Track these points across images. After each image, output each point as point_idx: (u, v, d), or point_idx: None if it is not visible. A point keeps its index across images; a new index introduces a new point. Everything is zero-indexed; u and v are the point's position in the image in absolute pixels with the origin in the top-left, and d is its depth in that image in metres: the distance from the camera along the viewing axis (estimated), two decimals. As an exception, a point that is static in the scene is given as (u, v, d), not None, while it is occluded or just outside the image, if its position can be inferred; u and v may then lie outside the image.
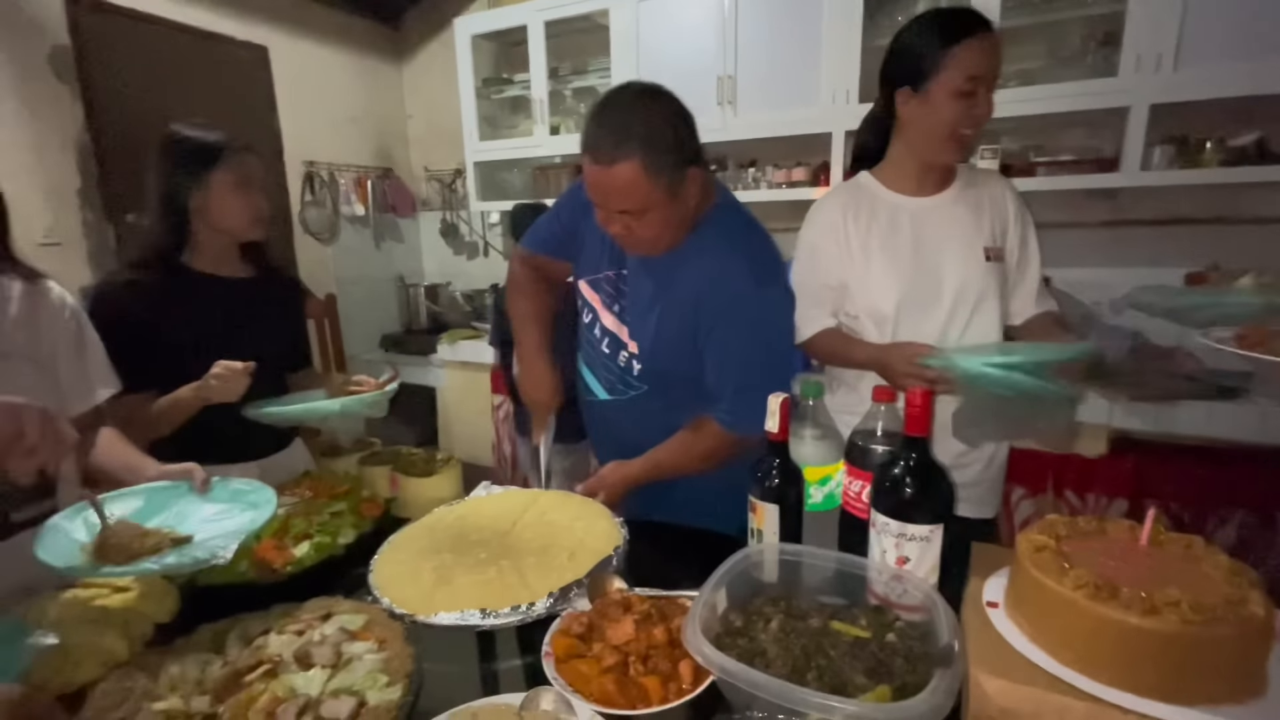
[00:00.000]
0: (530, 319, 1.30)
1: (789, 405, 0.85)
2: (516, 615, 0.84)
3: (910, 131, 1.19)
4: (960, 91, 1.10)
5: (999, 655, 0.63)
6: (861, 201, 1.25)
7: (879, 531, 0.80)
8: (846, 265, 1.24)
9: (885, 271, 1.22)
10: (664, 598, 0.88)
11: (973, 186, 1.27)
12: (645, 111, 1.01)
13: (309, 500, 1.14)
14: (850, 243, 1.23)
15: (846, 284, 1.25)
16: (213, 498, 1.01)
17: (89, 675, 0.76)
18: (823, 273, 1.26)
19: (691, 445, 1.19)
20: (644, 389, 1.24)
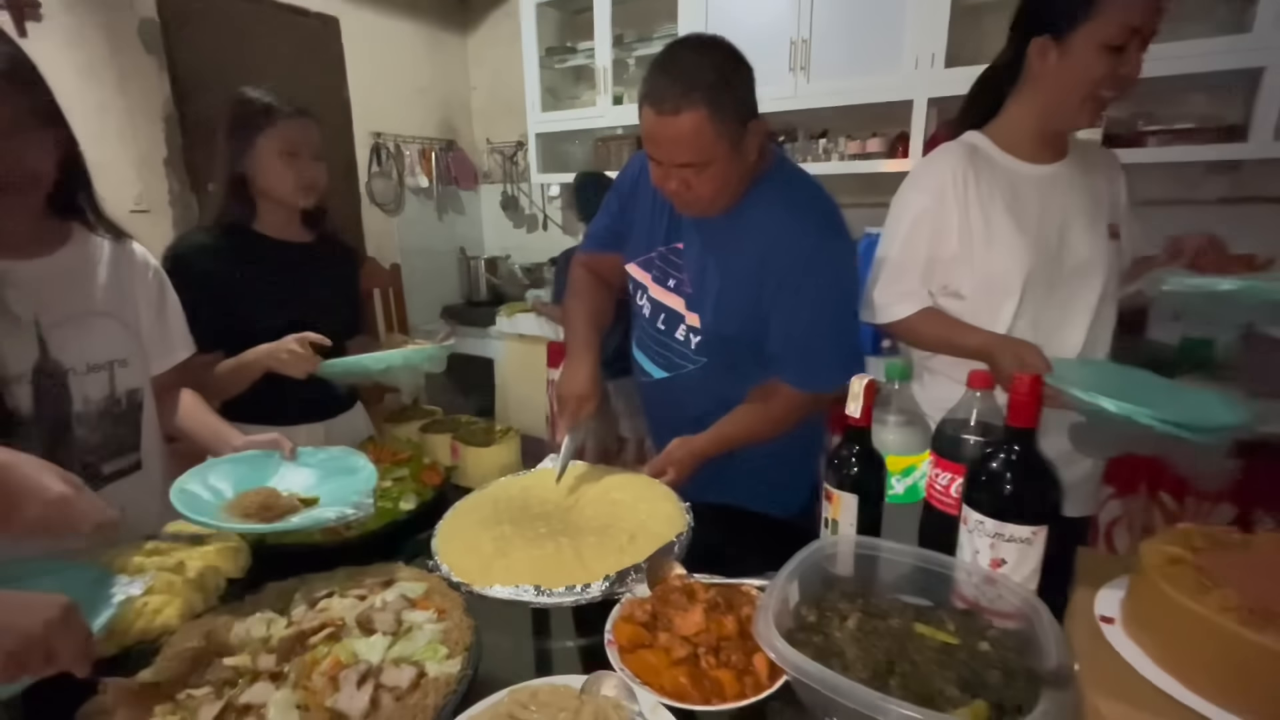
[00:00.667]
0: (581, 318, 1.27)
1: (873, 389, 0.78)
2: (570, 595, 0.82)
3: (1041, 88, 1.06)
4: (1110, 45, 0.97)
5: (1119, 678, 0.56)
6: (979, 164, 1.12)
7: (972, 530, 0.73)
8: (963, 235, 1.11)
9: (1011, 243, 1.09)
10: (728, 585, 0.84)
11: (1084, 158, 1.14)
12: (711, 60, 0.97)
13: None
14: (969, 210, 1.11)
15: (958, 257, 1.12)
16: (305, 464, 1.05)
17: (166, 625, 0.78)
18: (929, 243, 1.14)
19: (762, 412, 1.14)
20: (703, 361, 1.19)
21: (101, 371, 0.98)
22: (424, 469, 1.16)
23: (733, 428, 1.14)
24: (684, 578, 0.85)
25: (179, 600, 0.79)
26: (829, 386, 1.12)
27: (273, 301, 1.26)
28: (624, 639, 0.74)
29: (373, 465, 1.01)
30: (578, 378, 1.16)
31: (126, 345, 1.01)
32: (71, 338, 0.94)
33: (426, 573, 0.87)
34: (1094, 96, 1.02)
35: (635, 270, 1.24)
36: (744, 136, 1.01)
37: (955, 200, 1.11)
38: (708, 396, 1.18)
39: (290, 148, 1.22)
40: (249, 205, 1.25)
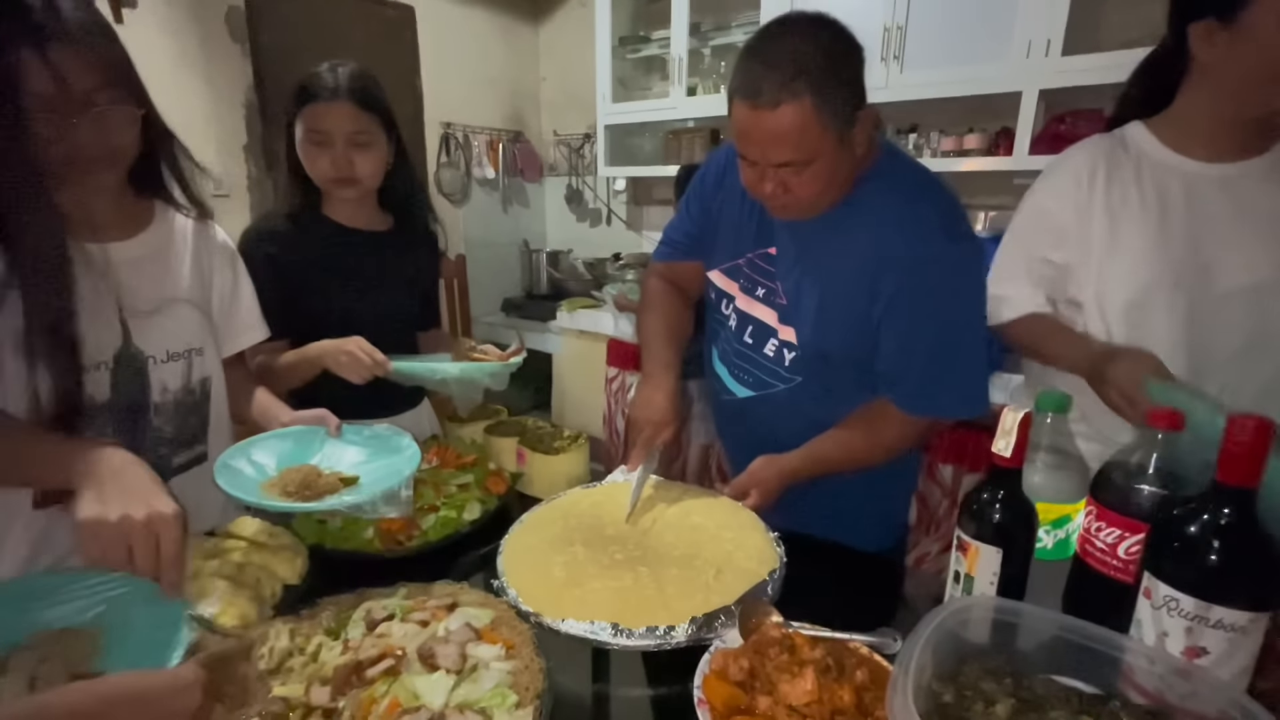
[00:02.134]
0: (659, 335, 1.14)
1: (1028, 424, 0.65)
2: (652, 639, 0.72)
3: (1214, 78, 0.90)
4: None
5: None
6: (1123, 161, 0.97)
7: (1160, 607, 0.59)
8: (1081, 240, 0.99)
9: (1132, 251, 0.95)
10: (835, 641, 0.72)
11: None
12: (816, 43, 0.85)
13: (435, 469, 1.08)
14: (1093, 208, 0.97)
15: (1077, 263, 1.00)
16: (350, 442, 1.02)
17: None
18: (1047, 242, 1.02)
19: (867, 435, 1.01)
20: (796, 381, 1.06)
21: (180, 360, 0.94)
22: (489, 475, 1.09)
23: (830, 449, 1.02)
24: (782, 627, 0.74)
25: (234, 610, 0.73)
26: (947, 412, 0.99)
27: (340, 290, 1.20)
28: (718, 700, 0.63)
29: (417, 446, 0.98)
30: (654, 401, 1.04)
31: (203, 333, 0.98)
32: (153, 325, 0.90)
33: (493, 597, 0.79)
34: (1277, 80, 0.85)
35: (720, 279, 1.13)
36: (852, 128, 0.88)
37: (1076, 202, 0.99)
38: (798, 419, 1.06)
39: (319, 134, 1.13)
40: (312, 191, 1.20)
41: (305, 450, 0.98)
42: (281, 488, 0.88)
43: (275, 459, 0.95)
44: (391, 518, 0.90)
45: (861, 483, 1.07)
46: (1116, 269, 0.96)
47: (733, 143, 0.94)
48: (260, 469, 0.93)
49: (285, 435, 0.99)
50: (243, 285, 1.07)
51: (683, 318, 1.20)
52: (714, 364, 1.18)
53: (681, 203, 1.17)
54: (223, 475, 0.87)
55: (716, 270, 1.12)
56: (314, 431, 1.01)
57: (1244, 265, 0.92)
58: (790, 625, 0.74)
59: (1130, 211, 0.95)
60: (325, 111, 1.12)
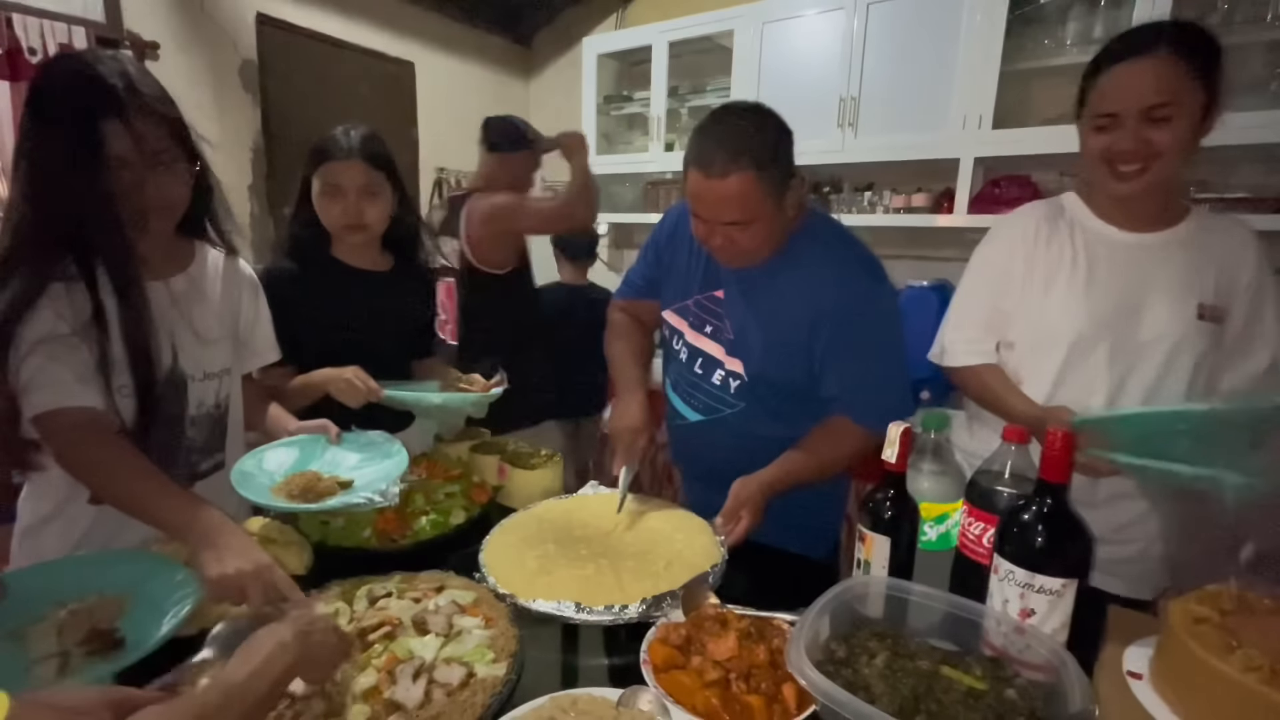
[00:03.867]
0: (627, 358, 1.35)
1: (910, 436, 0.82)
2: (609, 615, 0.86)
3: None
4: (1096, 126, 1.05)
5: (1143, 731, 0.58)
6: (1058, 224, 1.16)
7: (1002, 579, 0.75)
8: (1025, 287, 1.16)
9: (1068, 301, 1.12)
10: (760, 617, 0.87)
11: (1207, 232, 1.10)
12: (756, 126, 1.05)
13: (426, 480, 1.22)
14: (1034, 265, 1.15)
15: (1016, 308, 1.17)
16: (350, 447, 1.16)
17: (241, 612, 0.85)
18: (997, 293, 1.20)
19: (832, 446, 1.17)
20: (740, 406, 1.23)
21: (214, 380, 1.09)
22: (473, 487, 1.23)
23: (802, 461, 1.16)
24: (718, 607, 0.89)
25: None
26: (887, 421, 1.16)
27: (345, 323, 1.36)
28: (659, 659, 0.78)
29: (405, 451, 1.12)
30: (630, 412, 1.22)
31: (229, 354, 1.12)
32: (195, 348, 1.05)
33: (473, 582, 0.93)
34: (1105, 167, 1.06)
35: (671, 317, 1.31)
36: (786, 193, 1.08)
37: (1023, 255, 1.16)
38: (745, 439, 1.22)
39: (333, 187, 1.30)
40: (322, 235, 1.37)
41: (309, 456, 1.12)
42: (287, 491, 1.01)
43: (282, 465, 1.09)
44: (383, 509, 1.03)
45: (801, 496, 1.23)
46: (1047, 312, 1.13)
47: (686, 202, 1.14)
48: (270, 474, 1.06)
49: (292, 443, 1.13)
50: (262, 312, 1.22)
51: (645, 344, 1.40)
52: (668, 391, 1.36)
53: (641, 250, 1.37)
54: (239, 480, 1.00)
55: (669, 310, 1.31)
56: (317, 439, 1.15)
57: (1155, 320, 1.08)
58: (724, 606, 0.89)
59: (1064, 267, 1.13)
60: (340, 169, 1.30)
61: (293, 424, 1.17)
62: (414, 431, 1.49)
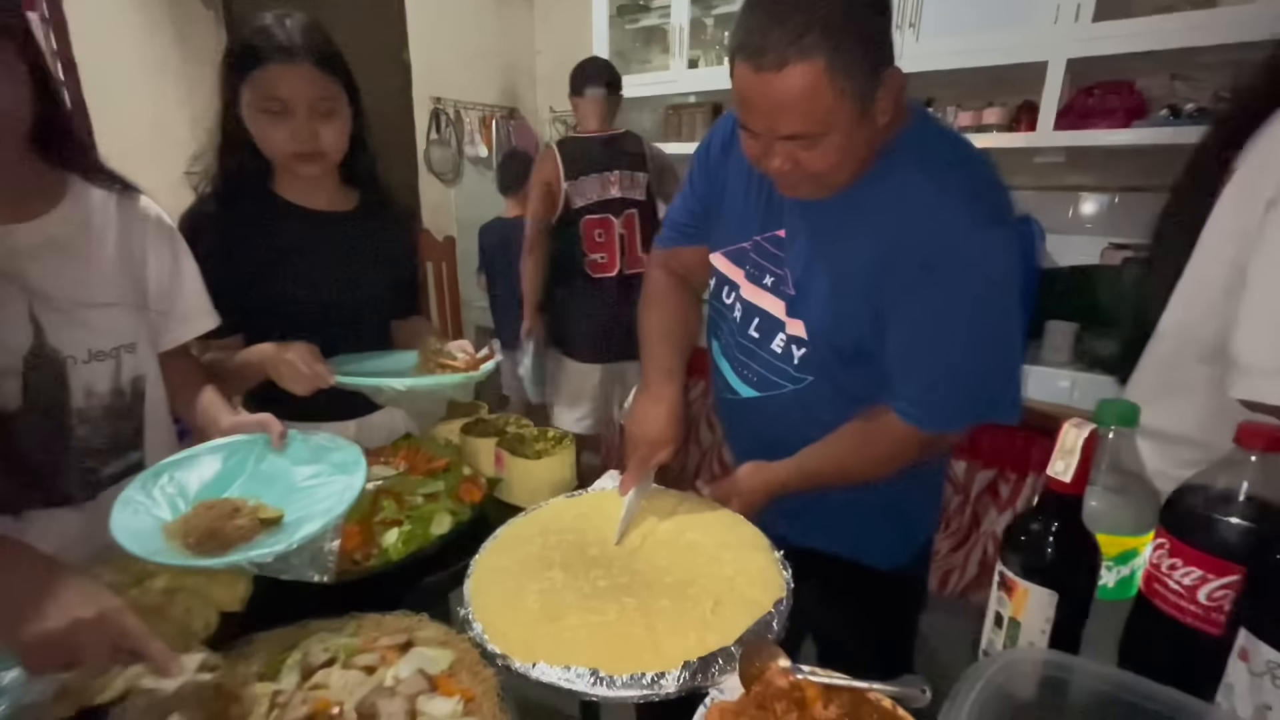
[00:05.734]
0: (660, 336, 1.01)
1: (1095, 443, 0.53)
2: (637, 689, 0.61)
3: None
4: None
5: None
6: None
7: (1261, 674, 0.48)
8: None
9: None
10: (849, 690, 0.61)
11: None
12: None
13: (401, 476, 0.97)
14: None
15: None
16: (294, 456, 0.86)
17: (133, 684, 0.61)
18: None
19: (860, 446, 0.90)
20: (807, 380, 0.94)
21: (107, 360, 0.83)
22: (463, 482, 0.98)
23: (818, 461, 0.91)
24: (790, 674, 0.63)
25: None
26: (951, 425, 0.87)
27: (298, 279, 1.08)
28: (714, 773, 0.53)
29: (364, 469, 0.81)
30: (652, 417, 0.92)
31: (135, 326, 0.86)
32: (72, 320, 0.79)
33: (454, 633, 0.69)
34: None
35: (723, 263, 1.00)
36: (874, 92, 0.74)
37: None
38: (810, 424, 0.94)
39: (274, 102, 0.96)
40: (259, 166, 1.06)
41: (237, 469, 0.84)
42: (184, 533, 0.71)
43: (197, 484, 0.81)
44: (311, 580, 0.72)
45: (876, 492, 0.95)
46: None
47: None
48: (172, 502, 0.77)
49: (219, 449, 0.86)
50: (185, 268, 0.95)
51: (688, 316, 1.06)
52: (716, 359, 1.06)
53: (685, 180, 1.04)
54: (117, 513, 0.71)
55: (719, 253, 1.00)
56: (254, 442, 0.87)
57: None
58: (799, 671, 0.63)
59: None
60: (282, 76, 0.97)
61: (226, 419, 0.90)
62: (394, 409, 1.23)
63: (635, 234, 2.22)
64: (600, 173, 2.17)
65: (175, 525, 0.72)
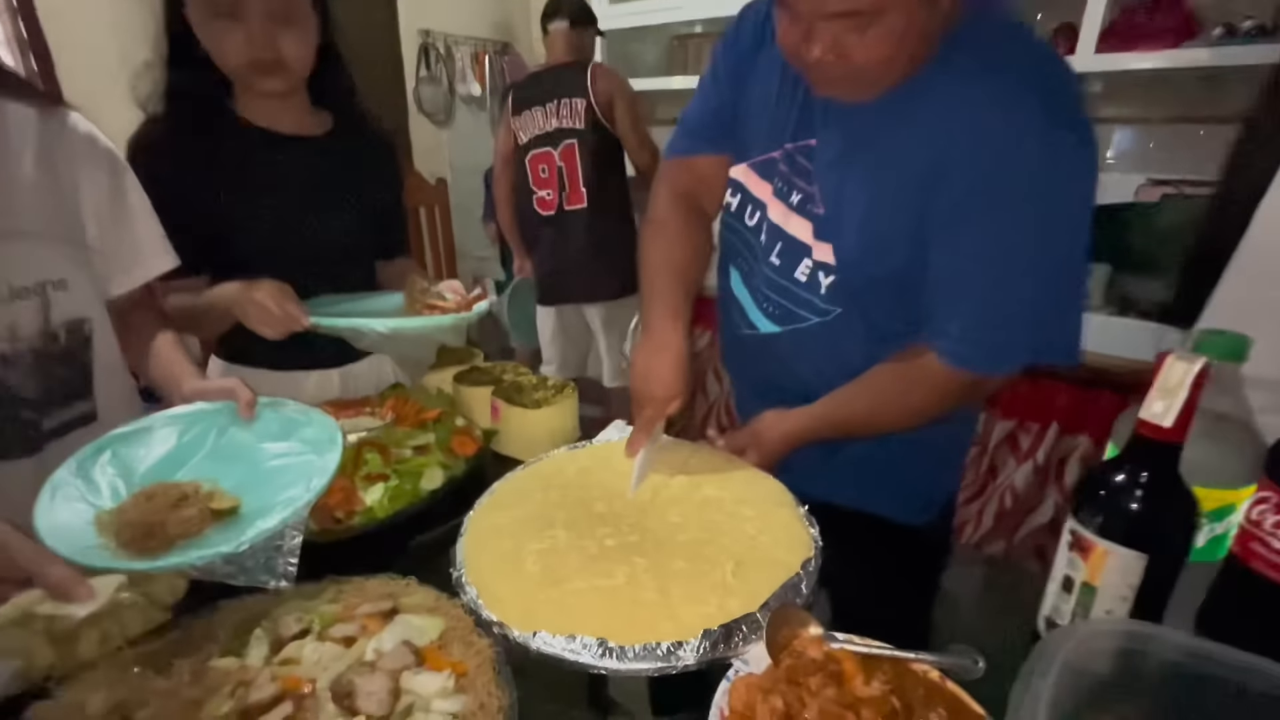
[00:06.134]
0: (664, 271, 0.88)
1: (1204, 381, 0.44)
2: (651, 660, 0.54)
3: None
4: None
5: None
6: None
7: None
8: None
9: None
10: (891, 659, 0.54)
11: None
12: None
13: (388, 428, 0.88)
14: None
15: None
16: (262, 429, 0.75)
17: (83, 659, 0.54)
18: None
19: (895, 392, 0.80)
20: (834, 313, 0.84)
21: (31, 298, 0.73)
22: (455, 434, 0.89)
23: (846, 409, 0.82)
24: (823, 643, 0.56)
25: (95, 632, 0.55)
26: (1001, 367, 0.76)
27: (264, 213, 0.97)
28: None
29: (339, 448, 0.68)
30: (657, 371, 0.81)
31: (65, 261, 0.76)
32: None
33: (445, 599, 0.61)
34: None
35: (748, 177, 0.88)
36: None
37: None
38: (834, 364, 0.84)
39: (223, 5, 0.84)
40: (214, 83, 0.93)
41: (196, 443, 0.72)
42: (117, 528, 0.58)
43: (150, 459, 0.69)
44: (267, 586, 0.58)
45: (903, 441, 0.87)
46: None
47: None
48: (113, 486, 0.65)
49: (175, 420, 0.74)
50: (131, 199, 0.84)
51: (699, 245, 0.93)
52: (734, 289, 0.96)
53: (704, 79, 0.90)
54: (51, 501, 0.60)
55: (745, 165, 0.88)
56: (217, 413, 0.75)
57: None
58: (834, 640, 0.56)
59: None
60: None
61: (189, 382, 0.79)
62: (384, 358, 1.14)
63: (575, 166, 2.07)
64: (542, 104, 2.06)
65: (109, 516, 0.60)
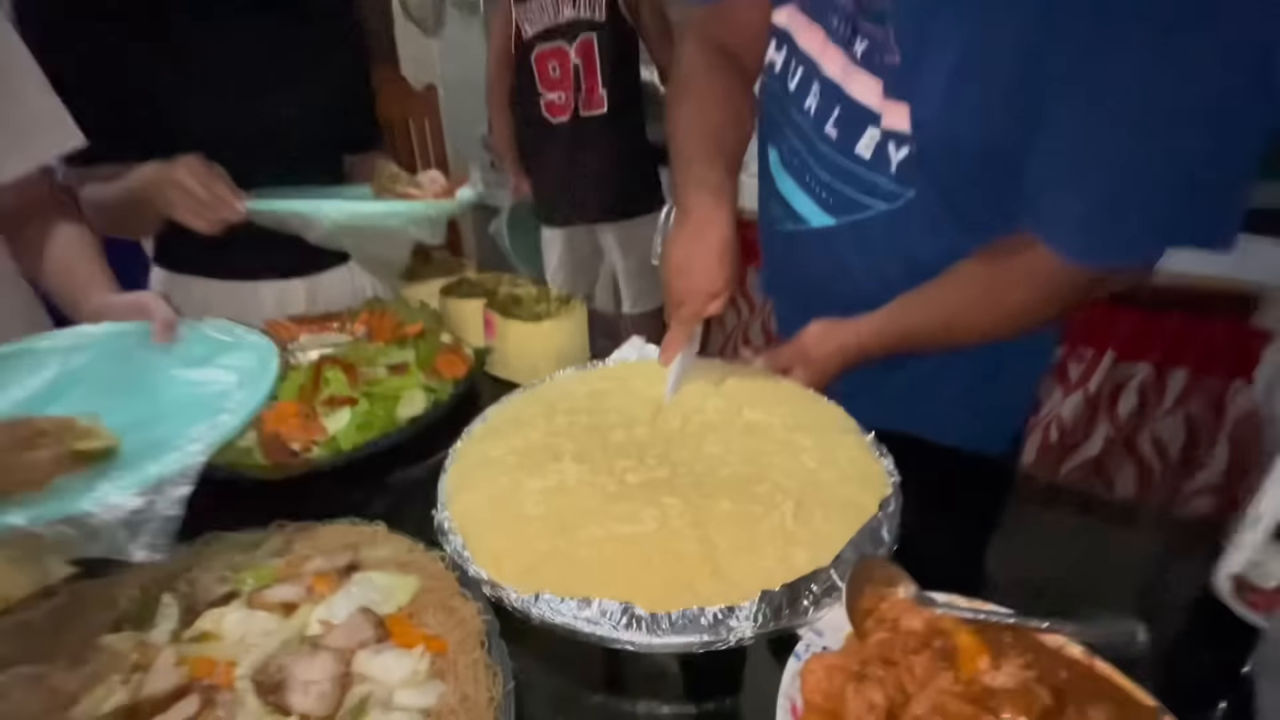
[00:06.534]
0: (700, 138, 0.70)
1: None
2: (692, 633, 0.41)
3: None
4: None
5: None
6: None
7: None
8: None
9: None
10: (1015, 629, 0.40)
11: None
12: None
13: (357, 344, 0.73)
14: None
15: None
16: (180, 353, 0.59)
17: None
18: None
19: (986, 293, 0.63)
20: (907, 196, 0.66)
21: None
22: (440, 353, 0.74)
23: (920, 315, 0.66)
24: (923, 608, 0.42)
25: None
26: (1133, 255, 0.58)
27: (199, 91, 0.78)
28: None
29: (273, 378, 0.53)
30: (699, 257, 0.64)
31: None
32: None
33: (420, 550, 0.47)
34: None
35: (794, 20, 0.69)
36: None
37: None
38: (900, 266, 0.67)
39: None
40: None
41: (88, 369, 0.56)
42: None
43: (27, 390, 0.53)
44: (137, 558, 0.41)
45: (979, 356, 0.71)
46: None
47: None
48: None
49: (67, 342, 0.58)
50: (15, 60, 0.65)
51: (737, 109, 0.74)
52: (773, 173, 0.78)
53: None
54: None
55: (790, 6, 0.69)
56: (124, 335, 0.60)
57: None
58: (933, 603, 0.42)
59: None
60: None
61: (97, 294, 0.64)
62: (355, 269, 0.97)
63: (595, 63, 1.76)
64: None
65: None
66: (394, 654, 0.38)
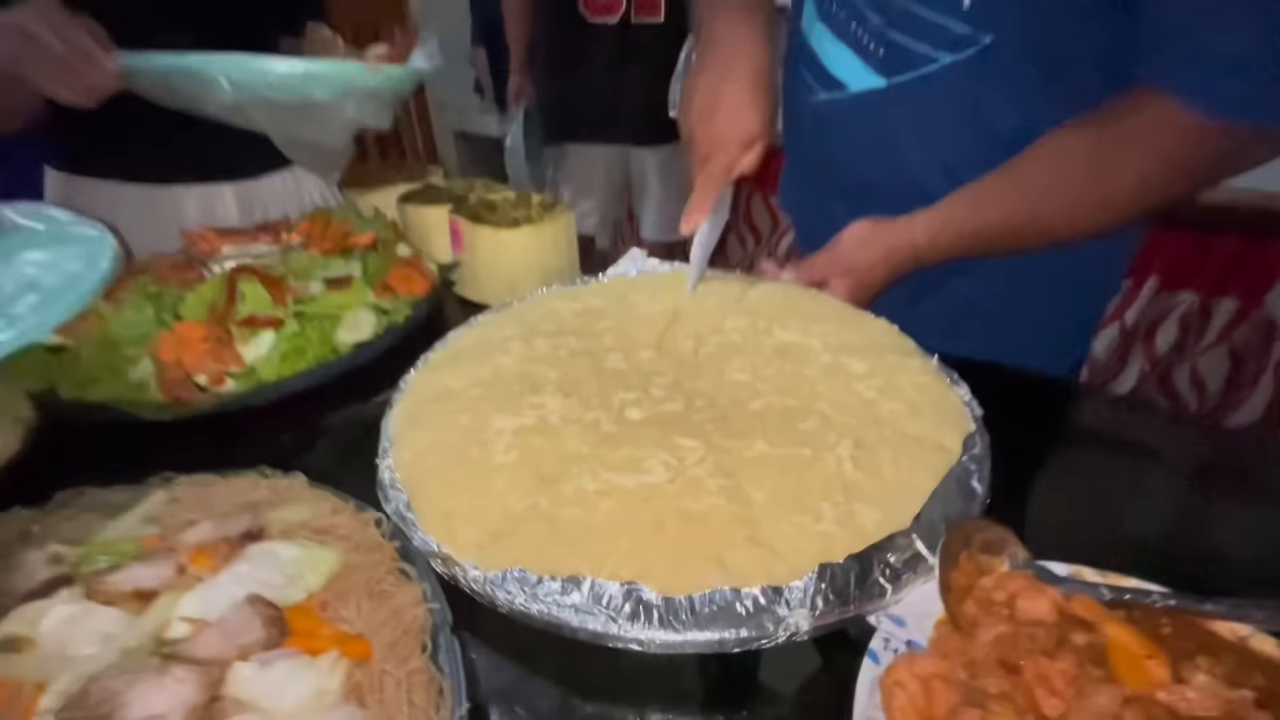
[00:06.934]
0: None
1: None
2: (723, 626, 0.30)
3: None
4: None
5: None
6: None
7: None
8: None
9: None
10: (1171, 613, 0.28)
11: None
12: None
13: (290, 253, 0.58)
14: None
15: None
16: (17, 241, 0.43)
17: None
18: None
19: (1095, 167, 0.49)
20: (983, 44, 0.51)
21: None
22: (397, 266, 0.60)
23: (1000, 203, 0.52)
24: (1045, 586, 0.30)
25: None
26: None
27: None
28: None
29: (101, 278, 0.35)
30: (734, 95, 0.52)
31: None
32: None
33: (349, 510, 0.35)
34: None
35: None
36: None
37: None
38: (972, 140, 0.54)
39: None
40: None
41: None
42: None
43: None
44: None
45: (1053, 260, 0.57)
46: None
47: None
48: None
49: None
50: None
51: None
52: (805, 32, 0.62)
53: None
54: None
55: None
56: None
57: None
58: (1059, 578, 0.30)
59: None
60: None
61: None
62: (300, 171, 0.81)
63: None
64: None
65: None
66: (291, 665, 0.26)
